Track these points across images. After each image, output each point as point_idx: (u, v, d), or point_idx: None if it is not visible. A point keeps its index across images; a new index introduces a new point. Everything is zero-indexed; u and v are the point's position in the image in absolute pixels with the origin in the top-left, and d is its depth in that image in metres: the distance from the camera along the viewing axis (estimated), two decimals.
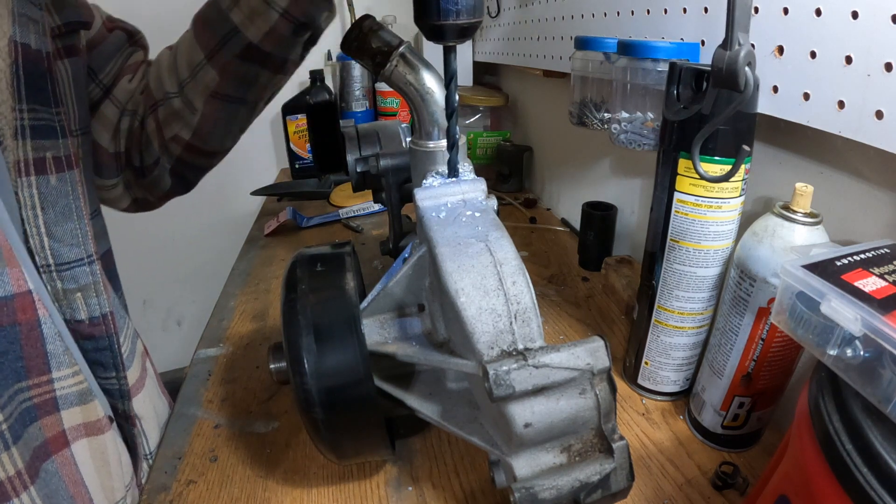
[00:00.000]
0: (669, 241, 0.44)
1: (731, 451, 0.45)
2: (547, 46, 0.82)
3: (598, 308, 0.68)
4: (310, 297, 0.36)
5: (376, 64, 0.42)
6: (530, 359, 0.28)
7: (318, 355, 0.34)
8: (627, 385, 0.53)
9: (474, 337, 0.29)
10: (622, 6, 0.59)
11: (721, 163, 0.39)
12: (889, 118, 0.32)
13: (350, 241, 0.43)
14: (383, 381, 0.38)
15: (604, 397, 0.29)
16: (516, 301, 0.30)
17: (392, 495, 0.43)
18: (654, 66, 0.50)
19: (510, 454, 0.30)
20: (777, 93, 0.40)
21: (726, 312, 0.41)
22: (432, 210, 0.36)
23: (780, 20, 0.39)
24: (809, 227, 0.37)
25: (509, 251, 0.32)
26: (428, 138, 0.41)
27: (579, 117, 0.65)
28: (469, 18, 0.31)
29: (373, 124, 0.60)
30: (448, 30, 0.32)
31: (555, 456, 0.30)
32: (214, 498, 0.43)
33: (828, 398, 0.25)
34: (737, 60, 0.32)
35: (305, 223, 0.97)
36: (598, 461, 0.29)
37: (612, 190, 0.77)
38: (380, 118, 1.33)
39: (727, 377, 0.42)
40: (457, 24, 0.31)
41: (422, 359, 0.36)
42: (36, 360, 0.30)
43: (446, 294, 0.30)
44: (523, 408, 0.28)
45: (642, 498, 0.41)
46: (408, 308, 0.39)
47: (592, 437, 0.30)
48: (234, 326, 0.67)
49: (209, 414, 0.52)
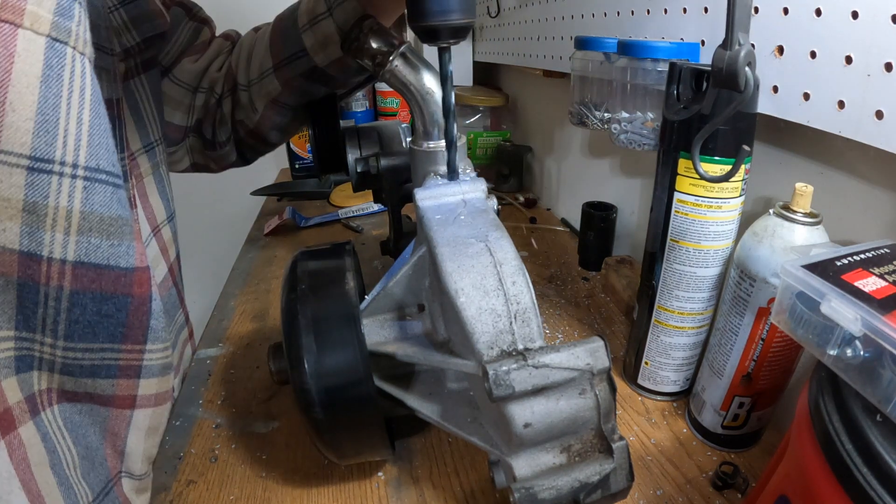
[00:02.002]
0: (669, 241, 0.44)
1: (731, 451, 0.45)
2: (547, 46, 0.82)
3: (598, 308, 0.68)
4: (310, 296, 0.36)
5: (376, 64, 0.42)
6: (530, 359, 0.27)
7: (317, 355, 0.34)
8: (627, 385, 0.53)
9: (474, 337, 0.29)
10: (622, 6, 0.59)
11: (721, 163, 0.39)
12: (889, 118, 0.32)
13: (350, 241, 0.43)
14: (383, 381, 0.38)
15: (604, 397, 0.29)
16: (516, 301, 0.30)
17: (392, 495, 0.43)
18: (654, 66, 0.50)
19: (510, 454, 0.30)
20: (777, 93, 0.40)
21: (726, 312, 0.41)
22: (432, 210, 0.36)
23: (780, 20, 0.39)
24: (809, 227, 0.37)
25: (509, 251, 0.32)
26: (428, 138, 0.41)
27: (579, 117, 0.65)
28: (462, 18, 0.31)
29: (373, 124, 0.60)
30: (441, 30, 0.31)
31: (554, 456, 0.30)
32: (214, 498, 0.43)
33: (828, 398, 0.25)
34: (737, 60, 0.32)
35: (305, 223, 0.97)
36: (597, 461, 0.29)
37: (612, 190, 0.77)
38: (380, 118, 1.33)
39: (727, 377, 0.42)
40: (450, 25, 0.31)
41: (422, 359, 0.36)
42: (136, 330, 0.32)
43: (446, 294, 0.30)
44: (523, 408, 0.28)
45: (642, 498, 0.41)
46: (408, 308, 0.39)
47: (592, 438, 0.30)
48: (234, 326, 0.67)
49: (209, 414, 0.52)
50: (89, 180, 0.26)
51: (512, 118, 1.20)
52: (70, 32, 0.24)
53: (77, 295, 0.28)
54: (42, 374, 0.29)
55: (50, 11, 0.23)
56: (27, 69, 0.23)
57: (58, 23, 0.23)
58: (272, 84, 0.52)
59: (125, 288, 0.30)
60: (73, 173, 0.25)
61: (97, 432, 0.33)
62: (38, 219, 0.25)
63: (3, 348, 0.27)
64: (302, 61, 0.50)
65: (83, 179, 0.26)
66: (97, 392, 0.32)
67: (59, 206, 0.25)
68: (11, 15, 0.22)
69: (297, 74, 0.50)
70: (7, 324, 0.26)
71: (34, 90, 0.23)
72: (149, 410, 0.35)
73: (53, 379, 0.30)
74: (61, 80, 0.24)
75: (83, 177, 0.26)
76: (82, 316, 0.29)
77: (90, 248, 0.27)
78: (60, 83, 0.24)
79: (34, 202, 0.24)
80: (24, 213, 0.24)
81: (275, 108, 0.54)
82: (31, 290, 0.26)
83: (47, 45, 0.23)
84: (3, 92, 0.22)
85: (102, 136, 0.27)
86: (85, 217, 0.26)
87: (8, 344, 0.27)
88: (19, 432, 0.27)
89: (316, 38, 0.48)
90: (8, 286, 0.25)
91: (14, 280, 0.25)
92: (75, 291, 0.28)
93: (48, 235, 0.25)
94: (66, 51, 0.24)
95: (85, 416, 0.32)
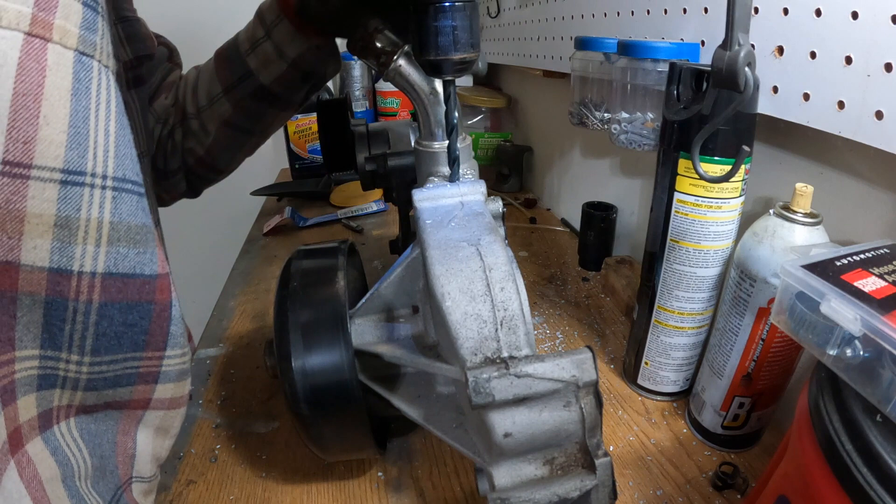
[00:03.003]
0: (669, 242, 0.44)
1: (731, 451, 0.45)
2: (547, 46, 0.82)
3: (598, 308, 0.68)
4: (300, 294, 0.36)
5: (380, 64, 0.42)
6: (512, 367, 0.27)
7: (304, 353, 0.34)
8: (627, 385, 0.53)
9: (458, 342, 0.29)
10: (622, 6, 0.59)
11: (721, 163, 0.39)
12: (889, 118, 0.32)
13: (349, 240, 0.43)
14: (372, 381, 0.38)
15: (589, 411, 0.28)
16: (503, 308, 0.29)
17: (392, 495, 0.43)
18: (654, 67, 0.50)
19: (491, 463, 0.29)
20: (777, 93, 0.40)
21: (726, 313, 0.41)
22: (428, 212, 0.36)
23: (780, 20, 0.39)
24: (809, 228, 0.37)
25: (500, 256, 0.31)
26: (432, 139, 0.41)
27: (579, 117, 0.65)
28: (465, 53, 0.33)
29: (383, 123, 0.61)
30: (445, 65, 0.33)
31: (537, 468, 0.29)
32: (214, 498, 0.43)
33: (828, 398, 0.25)
34: (737, 61, 0.32)
35: (304, 223, 0.97)
36: (579, 477, 0.28)
37: (612, 190, 0.77)
38: (380, 118, 1.33)
39: (727, 377, 0.42)
40: (454, 60, 0.33)
41: (409, 361, 0.36)
42: (158, 337, 0.32)
43: (433, 297, 0.30)
44: (503, 417, 0.27)
45: (642, 498, 0.41)
46: (400, 310, 0.39)
47: (576, 452, 0.29)
48: (234, 326, 0.67)
49: (209, 414, 0.52)
50: (117, 190, 0.26)
51: (512, 119, 1.20)
52: (95, 46, 0.25)
53: (105, 307, 0.28)
54: (64, 392, 0.29)
55: (77, 25, 0.23)
56: (58, 83, 0.23)
57: (84, 36, 0.24)
58: (223, 107, 0.56)
59: (149, 295, 0.30)
60: (104, 184, 0.26)
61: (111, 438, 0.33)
62: (70, 233, 0.25)
63: (27, 367, 0.27)
64: (248, 82, 0.54)
65: (112, 190, 0.26)
66: (116, 399, 0.32)
67: (90, 217, 0.25)
68: (41, 30, 0.22)
69: (246, 95, 0.54)
70: (32, 343, 0.26)
71: (66, 103, 0.23)
72: (161, 412, 0.35)
73: (76, 396, 0.30)
74: (89, 92, 0.24)
75: (112, 187, 0.26)
76: (109, 328, 0.29)
77: (118, 258, 0.27)
78: (89, 96, 0.24)
79: (66, 216, 0.24)
80: (56, 228, 0.24)
81: (227, 130, 0.57)
82: (59, 307, 0.26)
83: (76, 58, 0.23)
84: (37, 105, 0.22)
85: (127, 146, 0.27)
86: (114, 227, 0.27)
87: (32, 363, 0.27)
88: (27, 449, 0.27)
89: (258, 59, 0.52)
90: (35, 305, 0.25)
91: (42, 298, 0.25)
92: (103, 304, 0.28)
93: (79, 249, 0.25)
94: (93, 64, 0.25)
95: (101, 424, 0.32)
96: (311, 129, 1.18)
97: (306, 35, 0.50)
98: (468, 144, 0.41)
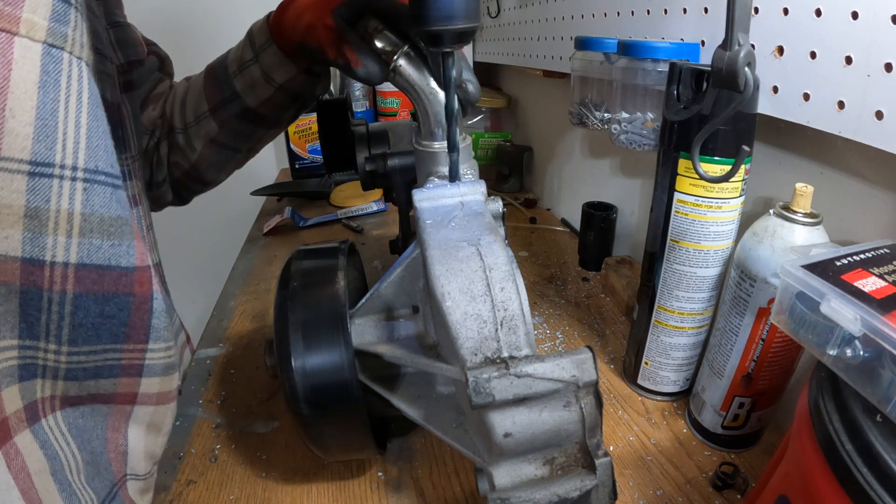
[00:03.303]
0: (669, 242, 0.44)
1: (731, 451, 0.45)
2: (547, 46, 0.82)
3: (598, 308, 0.68)
4: (300, 294, 0.36)
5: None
6: (513, 367, 0.27)
7: (304, 353, 0.34)
8: (627, 385, 0.53)
9: (458, 342, 0.29)
10: (622, 6, 0.59)
11: (721, 163, 0.39)
12: (889, 118, 0.32)
13: (349, 240, 0.43)
14: (372, 381, 0.38)
15: (589, 411, 0.28)
16: (503, 308, 0.29)
17: (392, 495, 0.43)
18: (654, 67, 0.50)
19: (491, 463, 0.30)
20: (777, 93, 0.40)
21: (726, 313, 0.41)
22: (429, 212, 0.36)
23: (780, 20, 0.39)
24: (809, 228, 0.37)
25: (500, 256, 0.31)
26: (432, 139, 0.41)
27: (579, 117, 0.65)
28: (466, 23, 0.31)
29: (384, 123, 0.60)
30: (445, 35, 0.31)
31: (537, 468, 0.29)
32: (214, 498, 0.43)
33: (828, 398, 0.25)
34: (737, 61, 0.32)
35: (304, 223, 0.97)
36: (579, 477, 0.28)
37: (612, 190, 0.77)
38: (380, 118, 1.33)
39: (727, 377, 0.42)
40: (453, 30, 0.31)
41: (409, 361, 0.36)
42: (138, 329, 0.32)
43: (433, 297, 0.30)
44: (503, 417, 0.27)
45: (642, 498, 0.41)
46: (402, 309, 0.39)
47: (576, 452, 0.30)
48: (234, 326, 0.67)
49: (209, 414, 0.52)
50: (89, 182, 0.26)
51: (512, 119, 1.20)
52: (66, 37, 0.24)
53: (80, 298, 0.28)
54: (45, 381, 0.29)
55: (45, 18, 0.23)
56: (25, 76, 0.23)
57: (53, 28, 0.24)
58: (210, 125, 0.55)
59: (126, 287, 0.30)
60: (73, 175, 0.26)
61: (100, 434, 0.33)
62: (41, 223, 0.25)
63: (7, 357, 0.27)
64: (235, 104, 0.53)
65: (83, 181, 0.26)
66: (99, 392, 0.32)
67: (60, 209, 0.25)
68: (7, 24, 0.22)
69: (232, 116, 0.54)
70: (10, 332, 0.26)
71: (32, 96, 0.23)
72: (150, 408, 0.35)
73: (57, 386, 0.30)
74: (59, 84, 0.24)
75: (83, 178, 0.26)
76: (85, 319, 0.29)
77: (91, 249, 0.27)
78: (58, 88, 0.24)
79: (36, 207, 0.24)
80: (26, 218, 0.24)
81: (213, 147, 0.57)
82: (33, 297, 0.26)
83: (44, 51, 0.23)
84: (3, 99, 0.22)
85: (101, 137, 0.27)
86: (86, 218, 0.27)
87: (11, 353, 0.27)
88: (15, 441, 0.27)
89: (245, 82, 0.52)
90: (10, 295, 0.26)
91: (17, 288, 0.26)
92: (78, 294, 0.28)
93: (50, 239, 0.25)
94: (63, 56, 0.24)
95: (88, 419, 0.33)
96: (311, 129, 1.18)
97: (295, 61, 0.49)
98: (468, 144, 0.41)
